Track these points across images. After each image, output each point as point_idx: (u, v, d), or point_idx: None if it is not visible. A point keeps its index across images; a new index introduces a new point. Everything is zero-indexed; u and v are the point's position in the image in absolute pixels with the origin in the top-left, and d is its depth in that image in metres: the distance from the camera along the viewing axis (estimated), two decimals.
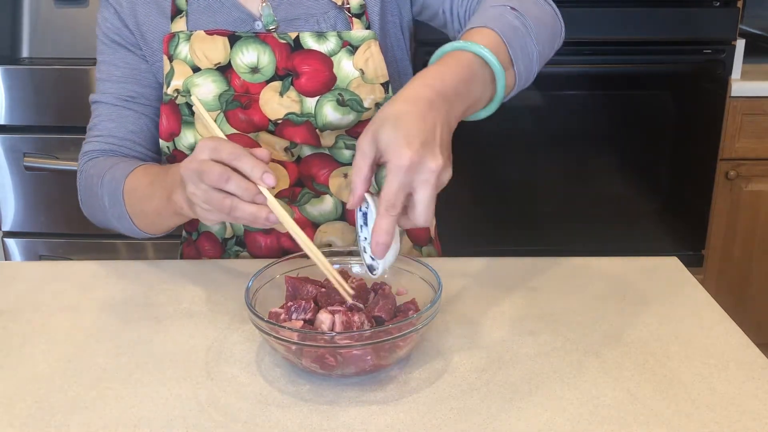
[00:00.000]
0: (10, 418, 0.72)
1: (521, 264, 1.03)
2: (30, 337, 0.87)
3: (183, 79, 1.02)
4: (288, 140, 1.03)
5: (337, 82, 1.01)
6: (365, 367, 0.74)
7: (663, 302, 0.93)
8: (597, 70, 2.04)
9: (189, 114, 1.02)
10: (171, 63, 1.03)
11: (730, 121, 2.08)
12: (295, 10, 1.03)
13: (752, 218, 2.17)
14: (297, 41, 1.01)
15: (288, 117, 1.01)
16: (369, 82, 1.01)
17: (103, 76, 1.08)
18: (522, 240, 2.14)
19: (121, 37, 1.07)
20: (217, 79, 1.01)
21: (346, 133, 1.03)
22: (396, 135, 0.68)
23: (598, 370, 0.78)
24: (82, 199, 1.09)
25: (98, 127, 1.07)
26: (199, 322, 0.89)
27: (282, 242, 1.08)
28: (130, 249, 2.13)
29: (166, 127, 1.03)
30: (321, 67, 1.00)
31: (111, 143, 1.06)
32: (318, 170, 1.05)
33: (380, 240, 0.69)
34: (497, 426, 0.69)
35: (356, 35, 1.01)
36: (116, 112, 1.06)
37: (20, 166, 2.03)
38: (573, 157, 2.10)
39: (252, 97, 1.01)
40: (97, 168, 1.04)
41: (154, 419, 0.71)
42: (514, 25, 0.83)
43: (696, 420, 0.70)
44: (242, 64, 1.01)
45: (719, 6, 1.98)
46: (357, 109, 1.01)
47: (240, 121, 1.02)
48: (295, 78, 1.01)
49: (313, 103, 1.01)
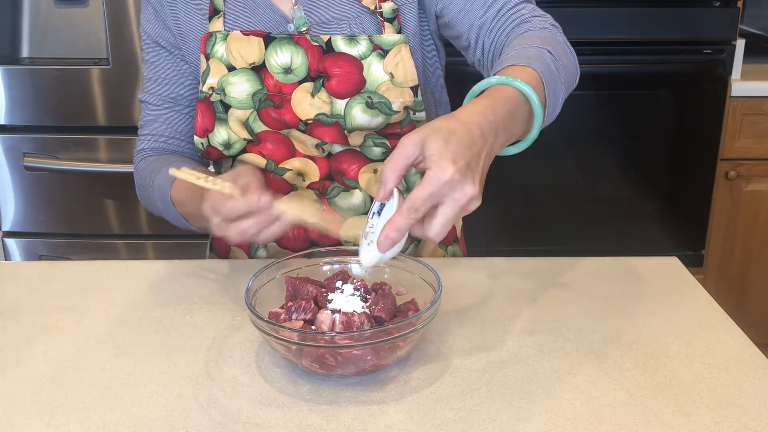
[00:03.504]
0: (10, 418, 0.72)
1: (521, 264, 1.03)
2: (30, 337, 0.87)
3: (218, 78, 1.04)
4: (318, 139, 1.04)
5: (366, 85, 1.02)
6: (365, 367, 0.74)
7: (663, 302, 0.93)
8: (597, 70, 2.04)
9: (222, 111, 1.05)
10: (207, 62, 1.05)
11: (730, 121, 2.08)
12: (327, 13, 1.04)
13: (752, 218, 2.17)
14: (329, 44, 1.02)
15: (318, 117, 1.03)
16: (398, 86, 1.02)
17: (150, 75, 1.13)
18: (522, 240, 2.14)
19: (162, 38, 1.10)
20: (251, 78, 1.03)
21: (374, 133, 1.04)
22: (445, 148, 0.69)
23: (598, 370, 0.78)
24: (139, 194, 1.14)
25: (148, 126, 1.13)
26: (199, 322, 0.89)
27: (309, 233, 1.10)
28: (130, 249, 2.13)
29: (201, 123, 1.06)
30: (352, 69, 1.02)
31: (161, 142, 1.12)
32: (348, 166, 1.07)
33: (390, 235, 0.70)
34: (497, 426, 0.69)
35: (387, 39, 1.02)
36: (163, 113, 1.12)
37: (20, 166, 2.03)
38: (573, 157, 2.10)
39: (284, 97, 1.03)
40: (148, 169, 1.09)
41: (154, 419, 0.71)
42: (551, 68, 0.85)
43: (696, 420, 0.70)
44: (276, 65, 1.03)
45: (719, 6, 1.98)
46: (385, 112, 1.02)
47: (272, 119, 1.04)
48: (326, 80, 1.02)
49: (343, 105, 1.02)
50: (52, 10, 1.99)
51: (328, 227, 0.87)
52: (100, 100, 1.98)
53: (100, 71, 1.95)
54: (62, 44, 2.01)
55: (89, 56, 1.99)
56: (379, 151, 1.06)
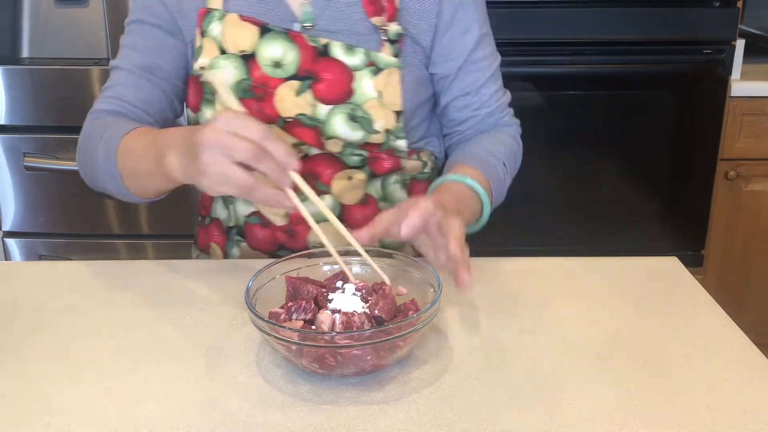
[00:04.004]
0: (10, 418, 0.72)
1: (521, 264, 1.03)
2: (30, 337, 0.87)
3: (210, 58, 1.03)
4: (296, 138, 1.04)
5: (353, 97, 1.02)
6: (365, 367, 0.74)
7: (663, 302, 0.93)
8: (597, 70, 2.04)
9: (210, 92, 1.04)
10: (202, 38, 1.03)
11: (730, 121, 2.08)
12: (336, 24, 1.04)
13: (752, 218, 2.17)
14: (326, 47, 1.02)
15: (298, 117, 1.02)
16: (384, 107, 1.03)
17: (128, 43, 1.08)
18: (522, 240, 2.14)
19: (153, 13, 1.06)
20: (238, 66, 1.02)
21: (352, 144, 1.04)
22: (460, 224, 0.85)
23: (598, 370, 0.78)
24: (79, 157, 1.07)
25: (112, 89, 1.07)
26: (199, 322, 0.89)
27: (277, 236, 1.10)
28: (130, 249, 2.13)
29: (191, 99, 1.05)
30: (342, 78, 1.02)
31: (122, 106, 1.06)
32: (323, 169, 1.06)
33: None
34: (497, 426, 0.69)
35: (382, 59, 1.03)
36: (133, 79, 1.06)
37: (20, 166, 2.03)
38: (573, 157, 2.10)
39: (268, 90, 1.02)
40: (100, 125, 1.03)
41: (154, 419, 0.71)
42: (500, 178, 1.08)
43: (696, 420, 0.70)
44: (267, 57, 1.02)
45: (719, 6, 1.97)
46: (366, 128, 1.02)
47: (253, 111, 1.03)
48: (315, 82, 1.02)
49: (326, 111, 1.02)
50: (52, 10, 1.99)
51: (314, 224, 0.85)
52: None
53: (100, 71, 1.95)
54: (62, 44, 2.01)
55: (89, 56, 1.99)
56: (357, 159, 1.06)
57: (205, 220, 1.19)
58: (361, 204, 1.10)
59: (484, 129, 1.15)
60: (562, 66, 2.00)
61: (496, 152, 1.10)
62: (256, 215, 1.11)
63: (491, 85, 1.13)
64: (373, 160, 1.08)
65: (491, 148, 1.10)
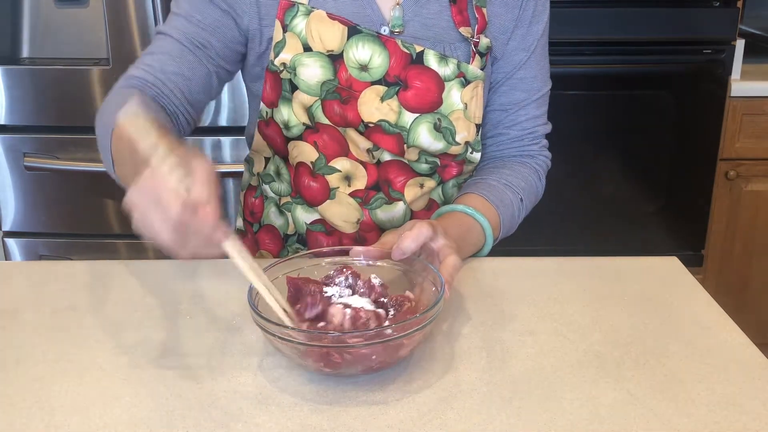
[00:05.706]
0: (10, 418, 0.72)
1: (521, 264, 1.03)
2: (30, 337, 0.87)
3: (292, 55, 0.99)
4: (373, 143, 1.03)
5: (441, 108, 1.01)
6: (371, 365, 0.74)
7: (663, 302, 0.93)
8: (597, 70, 2.04)
9: (289, 90, 1.00)
10: (284, 33, 0.99)
11: (730, 121, 2.08)
12: (425, 31, 1.02)
13: (752, 218, 2.17)
14: (420, 55, 1.00)
15: (380, 123, 1.00)
16: (468, 119, 1.02)
17: (182, 12, 0.99)
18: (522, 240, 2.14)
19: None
20: (325, 65, 0.99)
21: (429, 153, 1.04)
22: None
23: (598, 370, 0.78)
24: (100, 112, 0.99)
25: (153, 56, 0.99)
26: (200, 322, 0.89)
27: (344, 243, 1.08)
28: (130, 249, 2.13)
29: (268, 95, 1.02)
30: (432, 87, 1.00)
31: (157, 77, 0.97)
32: (395, 176, 1.05)
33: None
34: (497, 426, 0.69)
35: (472, 71, 1.02)
36: (181, 52, 0.98)
37: (20, 166, 2.03)
38: (573, 157, 2.10)
39: (353, 93, 1.00)
40: (125, 97, 0.91)
41: (154, 419, 0.71)
42: (513, 214, 1.08)
43: (696, 420, 0.70)
44: (354, 59, 0.99)
45: (719, 6, 1.98)
46: (448, 139, 1.02)
47: (334, 113, 1.01)
48: (403, 89, 1.00)
49: (411, 119, 1.00)
50: (52, 10, 1.99)
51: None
52: (100, 100, 1.98)
53: (100, 71, 1.95)
54: (62, 44, 2.01)
55: (89, 56, 1.99)
56: (427, 168, 1.05)
57: (253, 227, 1.16)
58: (426, 209, 1.10)
59: (510, 153, 1.13)
60: (562, 66, 1.99)
61: (516, 186, 1.08)
62: (320, 223, 1.09)
63: (533, 109, 1.11)
64: (443, 167, 1.07)
65: (511, 181, 1.09)
